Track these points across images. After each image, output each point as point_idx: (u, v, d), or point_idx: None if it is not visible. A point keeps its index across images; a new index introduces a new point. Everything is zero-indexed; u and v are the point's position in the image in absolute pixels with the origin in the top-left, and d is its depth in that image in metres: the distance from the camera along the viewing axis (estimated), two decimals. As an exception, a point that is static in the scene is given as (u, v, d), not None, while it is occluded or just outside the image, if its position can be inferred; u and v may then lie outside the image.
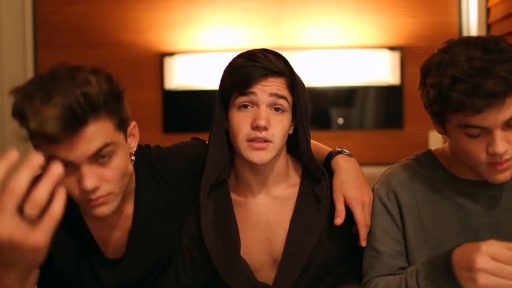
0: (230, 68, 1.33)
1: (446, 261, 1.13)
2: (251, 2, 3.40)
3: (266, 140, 1.27)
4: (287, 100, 1.30)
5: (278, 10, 3.39)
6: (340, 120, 3.40)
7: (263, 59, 1.28)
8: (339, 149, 1.43)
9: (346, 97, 3.42)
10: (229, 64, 1.34)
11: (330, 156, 1.40)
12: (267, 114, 1.28)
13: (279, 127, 1.29)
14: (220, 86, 1.35)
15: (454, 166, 1.32)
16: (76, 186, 1.13)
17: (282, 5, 3.39)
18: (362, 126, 3.44)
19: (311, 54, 3.34)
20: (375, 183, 1.39)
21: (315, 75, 3.30)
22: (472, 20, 3.27)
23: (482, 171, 1.22)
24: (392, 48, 3.36)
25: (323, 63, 3.35)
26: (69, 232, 1.27)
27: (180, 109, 3.43)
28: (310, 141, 1.37)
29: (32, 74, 3.38)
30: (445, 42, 1.24)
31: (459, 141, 1.21)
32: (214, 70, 3.32)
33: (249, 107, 1.29)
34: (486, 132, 1.17)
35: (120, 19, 3.42)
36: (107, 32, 3.38)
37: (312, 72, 3.30)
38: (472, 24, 3.27)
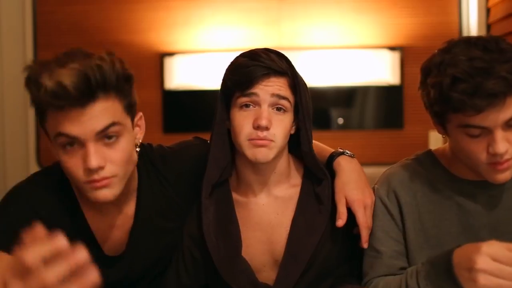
0: (232, 67, 1.32)
1: (446, 261, 1.13)
2: (251, 2, 3.39)
3: (267, 139, 1.27)
4: (289, 101, 1.30)
5: (278, 10, 3.39)
6: (340, 120, 3.40)
7: (265, 59, 1.28)
8: (341, 150, 1.42)
9: (346, 97, 3.41)
10: (231, 63, 1.33)
11: (332, 157, 1.40)
12: (268, 114, 1.27)
13: (280, 127, 1.29)
14: (221, 85, 1.34)
15: (455, 166, 1.32)
16: (80, 166, 1.13)
17: (282, 5, 3.39)
18: (362, 126, 3.43)
19: (311, 54, 3.33)
20: (375, 183, 1.39)
21: (315, 75, 3.30)
22: (472, 20, 3.27)
23: (483, 171, 1.22)
24: (392, 48, 3.35)
25: (323, 63, 3.34)
26: (69, 229, 1.26)
27: (180, 109, 3.42)
28: (312, 141, 1.37)
29: (32, 74, 3.37)
30: (445, 42, 1.24)
31: (460, 141, 1.21)
32: (214, 70, 3.31)
33: (250, 106, 1.29)
34: (486, 132, 1.17)
35: (120, 19, 3.41)
36: (107, 32, 3.37)
37: (312, 72, 3.29)
38: (472, 24, 3.27)
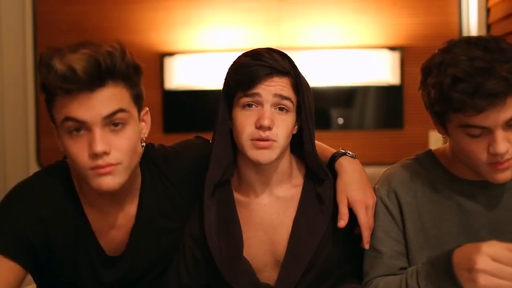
0: (234, 66, 1.32)
1: (446, 261, 1.13)
2: (251, 2, 3.39)
3: (269, 140, 1.27)
4: (291, 101, 1.30)
5: (278, 10, 3.39)
6: (340, 120, 3.40)
7: (268, 58, 1.28)
8: (343, 150, 1.42)
9: (346, 97, 3.41)
10: (233, 63, 1.33)
11: (334, 158, 1.40)
12: (271, 113, 1.27)
13: (283, 127, 1.29)
14: (224, 85, 1.34)
15: (455, 166, 1.32)
16: (86, 151, 1.14)
17: (282, 5, 3.39)
18: (362, 126, 3.43)
19: (311, 54, 3.33)
20: (375, 183, 1.39)
21: (315, 75, 3.29)
22: (472, 20, 3.27)
23: (483, 171, 1.22)
24: (392, 48, 3.35)
25: (323, 63, 3.34)
26: (70, 229, 1.26)
27: (180, 109, 3.42)
28: (315, 141, 1.37)
29: (32, 74, 3.37)
30: (445, 42, 1.24)
31: (460, 141, 1.21)
32: (214, 70, 3.31)
33: (253, 106, 1.28)
34: (487, 132, 1.17)
35: (120, 19, 3.41)
36: (107, 32, 3.37)
37: (312, 72, 3.29)
38: (472, 24, 3.27)
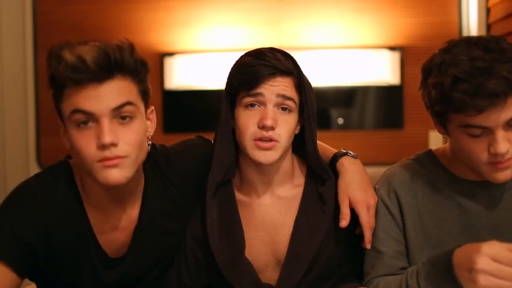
0: (237, 66, 1.32)
1: (446, 261, 1.13)
2: (251, 2, 3.39)
3: (272, 139, 1.27)
4: (294, 101, 1.30)
5: (278, 10, 3.39)
6: (340, 120, 3.40)
7: (271, 58, 1.28)
8: (344, 150, 1.42)
9: (346, 97, 3.41)
10: (236, 62, 1.33)
11: (336, 158, 1.40)
12: (274, 113, 1.27)
13: (285, 127, 1.29)
14: (226, 84, 1.34)
15: (455, 166, 1.32)
16: (93, 143, 1.14)
17: (282, 5, 3.39)
18: (362, 126, 3.43)
19: (311, 54, 3.33)
20: (375, 183, 1.39)
21: (315, 75, 3.29)
22: (472, 20, 3.26)
23: (483, 171, 1.22)
24: (392, 48, 3.35)
25: (323, 63, 3.33)
26: (72, 231, 1.26)
27: (180, 109, 3.42)
28: (317, 141, 1.37)
29: (32, 74, 3.37)
30: (446, 42, 1.24)
31: (461, 141, 1.21)
32: (214, 70, 3.31)
33: (256, 106, 1.28)
34: (487, 132, 1.17)
35: (120, 19, 3.41)
36: (107, 32, 3.36)
37: (312, 72, 3.29)
38: (472, 24, 3.27)
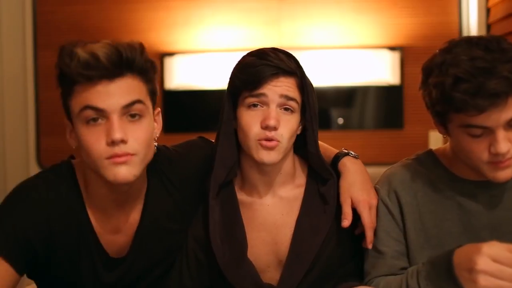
0: (239, 66, 1.32)
1: (446, 261, 1.13)
2: (251, 2, 3.39)
3: (273, 140, 1.27)
4: (297, 102, 1.30)
5: (278, 10, 3.38)
6: (340, 120, 3.40)
7: (274, 58, 1.28)
8: (346, 150, 1.42)
9: (346, 97, 3.41)
10: (238, 62, 1.33)
11: (337, 158, 1.40)
12: (277, 113, 1.27)
13: (287, 127, 1.28)
14: (229, 84, 1.34)
15: (455, 166, 1.32)
16: (102, 140, 1.15)
17: (282, 5, 3.38)
18: (362, 126, 3.43)
19: (311, 54, 3.33)
20: (375, 183, 1.39)
21: (315, 75, 3.29)
22: (472, 20, 3.26)
23: (484, 170, 1.22)
24: (392, 48, 3.35)
25: (323, 63, 3.33)
26: (73, 231, 1.26)
27: (180, 109, 3.42)
28: (318, 141, 1.37)
29: (32, 74, 3.37)
30: (446, 42, 1.24)
31: (461, 141, 1.21)
32: (214, 70, 3.31)
33: (258, 106, 1.28)
34: (488, 132, 1.17)
35: (120, 19, 3.40)
36: (107, 32, 3.36)
37: (312, 72, 3.28)
38: (472, 24, 3.27)
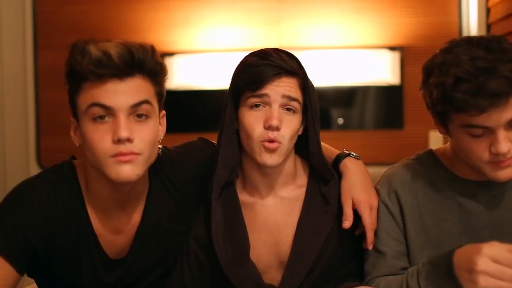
0: (242, 66, 1.32)
1: (447, 262, 1.13)
2: (251, 2, 3.39)
3: (275, 141, 1.27)
4: (299, 102, 1.30)
5: (278, 10, 3.38)
6: (340, 120, 3.39)
7: (276, 58, 1.28)
8: (347, 151, 1.42)
9: (346, 97, 3.41)
10: (240, 63, 1.33)
11: (339, 159, 1.40)
12: (279, 114, 1.27)
13: (289, 128, 1.28)
14: (231, 85, 1.34)
15: (456, 166, 1.32)
16: (108, 138, 1.15)
17: (282, 5, 3.38)
18: (362, 126, 3.43)
19: (311, 54, 3.33)
20: (376, 183, 1.39)
21: (315, 75, 3.28)
22: (472, 20, 3.26)
23: (484, 170, 1.22)
24: (392, 48, 3.35)
25: (323, 63, 3.33)
26: (73, 231, 1.26)
27: (180, 109, 3.41)
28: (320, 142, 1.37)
29: (32, 74, 3.37)
30: (447, 42, 1.24)
31: (462, 141, 1.21)
32: (214, 70, 3.31)
33: (260, 106, 1.28)
34: (489, 132, 1.17)
35: (120, 19, 3.40)
36: (107, 32, 3.36)
37: (312, 72, 3.27)
38: (472, 24, 3.27)
